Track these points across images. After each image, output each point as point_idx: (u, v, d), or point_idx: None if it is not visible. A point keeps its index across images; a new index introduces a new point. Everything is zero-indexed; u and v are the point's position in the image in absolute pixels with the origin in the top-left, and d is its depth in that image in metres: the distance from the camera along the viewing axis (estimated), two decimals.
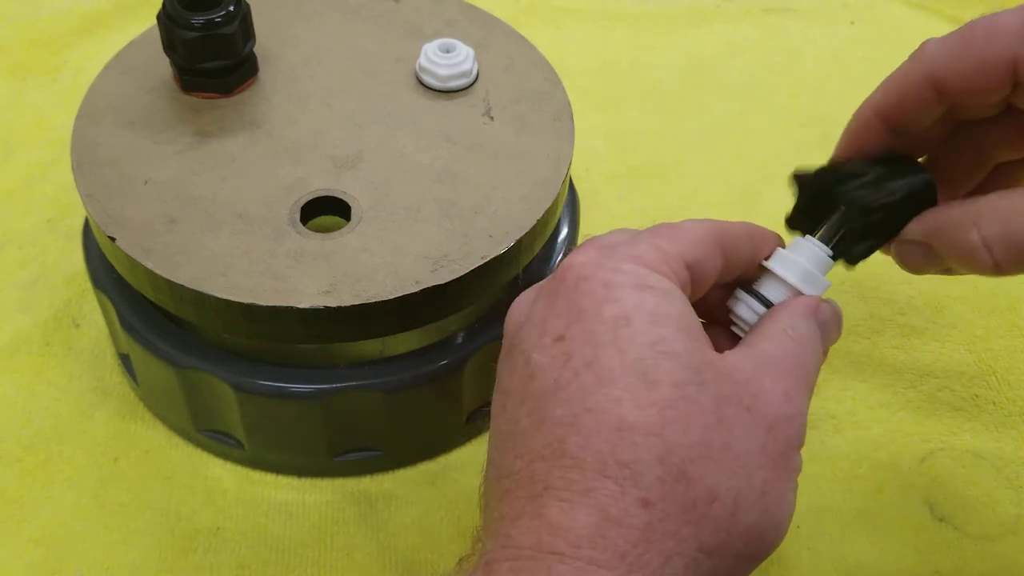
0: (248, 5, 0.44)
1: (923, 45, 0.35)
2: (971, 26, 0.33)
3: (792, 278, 0.36)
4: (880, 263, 0.55)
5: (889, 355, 0.51)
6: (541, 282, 0.34)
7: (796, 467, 0.32)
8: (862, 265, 0.37)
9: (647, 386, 0.30)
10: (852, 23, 0.72)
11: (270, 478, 0.46)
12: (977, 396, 0.49)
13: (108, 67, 0.46)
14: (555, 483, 0.29)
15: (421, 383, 0.42)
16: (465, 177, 0.42)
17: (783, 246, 0.37)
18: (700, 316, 0.37)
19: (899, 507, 0.45)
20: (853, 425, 0.48)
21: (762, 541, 0.31)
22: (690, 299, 0.34)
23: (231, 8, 0.43)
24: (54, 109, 0.63)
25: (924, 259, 0.35)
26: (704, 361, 0.31)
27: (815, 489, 0.46)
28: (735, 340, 0.36)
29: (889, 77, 0.36)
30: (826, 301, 0.36)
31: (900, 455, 0.47)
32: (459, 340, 0.43)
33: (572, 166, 0.44)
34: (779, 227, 0.59)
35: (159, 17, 0.43)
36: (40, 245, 0.55)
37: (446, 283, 0.39)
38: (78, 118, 0.44)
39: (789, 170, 0.38)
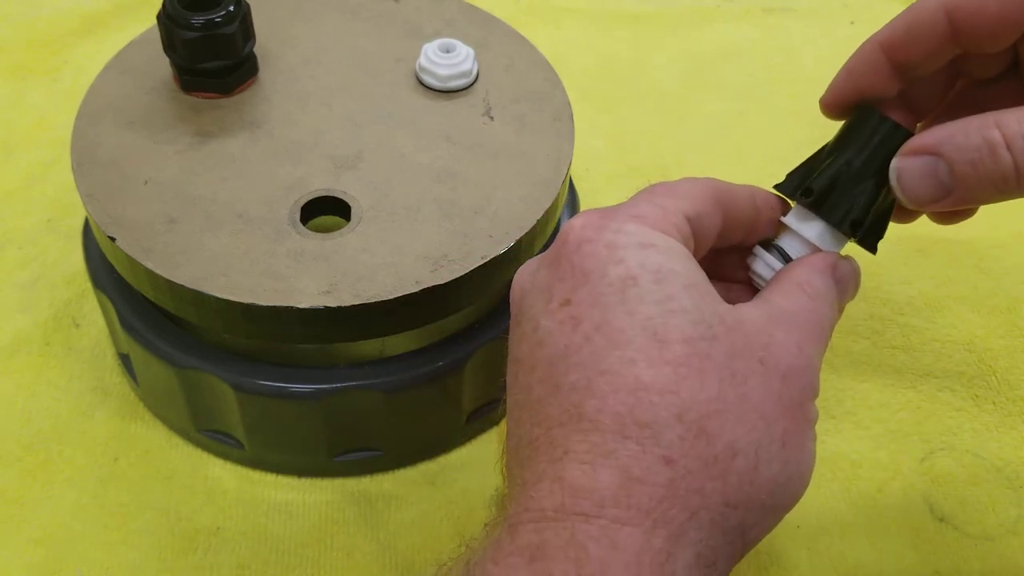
0: (248, 5, 0.44)
1: None
2: None
3: (810, 233, 0.35)
4: (880, 263, 0.55)
5: (889, 355, 0.51)
6: (542, 252, 0.34)
7: (813, 417, 0.32)
8: (862, 265, 0.36)
9: (659, 345, 0.29)
10: (852, 23, 0.72)
11: (270, 478, 0.46)
12: (977, 396, 0.49)
13: (108, 67, 0.46)
14: (575, 447, 0.29)
15: (421, 383, 0.42)
16: (465, 177, 0.42)
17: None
18: (721, 277, 0.37)
19: (899, 507, 0.45)
20: (853, 425, 0.48)
21: (786, 491, 0.31)
22: (694, 255, 0.33)
23: (231, 8, 0.43)
24: (54, 109, 0.63)
25: (928, 178, 0.33)
26: (714, 315, 0.31)
27: (815, 489, 0.46)
28: (755, 295, 0.36)
29: (902, 12, 0.35)
30: (844, 258, 0.35)
31: (900, 455, 0.47)
32: (459, 340, 0.43)
33: (572, 166, 0.44)
34: None
35: (159, 17, 0.43)
36: (40, 245, 0.55)
37: (446, 283, 0.39)
38: (78, 118, 0.44)
39: (789, 170, 0.38)
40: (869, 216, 0.35)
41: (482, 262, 0.39)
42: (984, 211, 0.57)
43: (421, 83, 0.46)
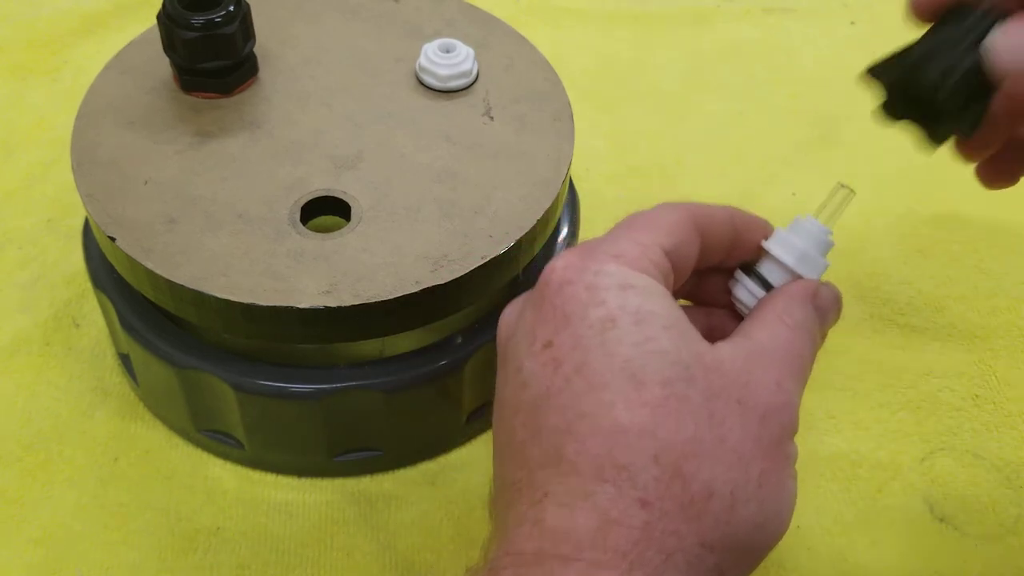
0: (248, 5, 0.44)
1: None
2: None
3: (789, 259, 0.36)
4: (881, 263, 0.55)
5: (889, 355, 0.51)
6: (528, 291, 0.34)
7: (792, 455, 0.32)
8: (862, 265, 0.36)
9: (636, 387, 0.30)
10: (852, 23, 0.72)
11: (270, 478, 0.46)
12: (977, 396, 0.49)
13: (108, 67, 0.46)
14: (554, 489, 0.29)
15: (421, 383, 0.42)
16: (465, 177, 0.42)
17: (768, 234, 0.37)
18: (704, 301, 0.38)
19: (899, 507, 0.45)
20: (853, 425, 0.48)
21: (763, 532, 0.31)
22: (674, 285, 0.34)
23: (231, 8, 0.43)
24: (54, 109, 0.63)
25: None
26: (692, 356, 0.31)
27: (815, 489, 0.46)
28: (738, 320, 0.36)
29: None
30: (824, 284, 0.36)
31: (900, 455, 0.47)
32: (459, 340, 0.43)
33: (572, 166, 0.44)
34: (779, 226, 0.59)
35: (159, 17, 0.43)
36: (40, 245, 0.55)
37: (446, 283, 0.39)
38: (78, 118, 0.44)
39: (789, 170, 0.38)
40: (961, 80, 0.34)
41: (482, 262, 0.39)
42: (984, 210, 0.57)
43: (421, 83, 0.46)
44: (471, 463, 0.46)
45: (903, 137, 0.40)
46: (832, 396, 0.49)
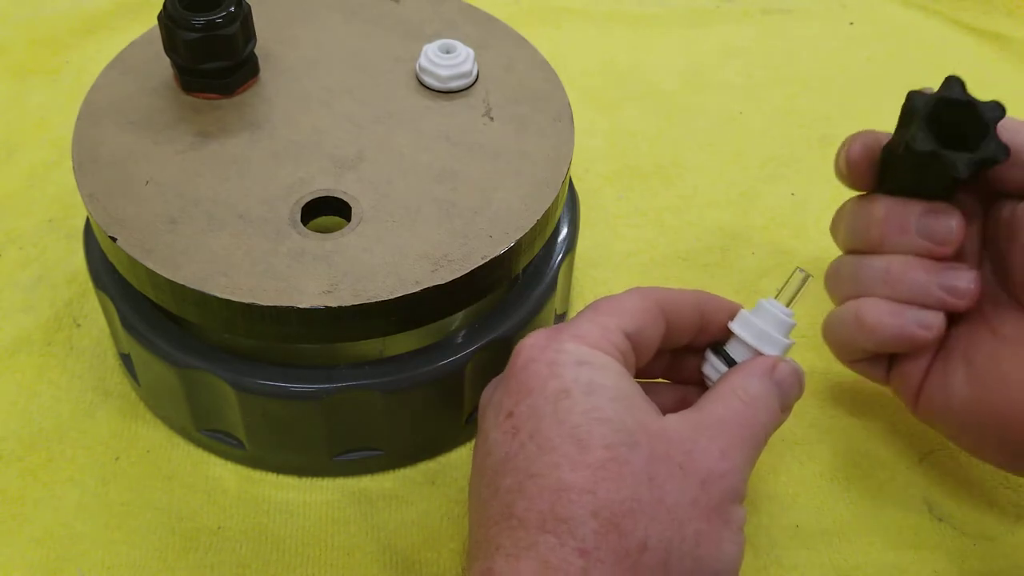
0: (249, 6, 0.44)
1: None
2: None
3: (749, 338, 0.38)
4: None
5: None
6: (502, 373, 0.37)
7: (735, 519, 0.34)
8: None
9: (581, 450, 0.33)
10: (851, 24, 0.72)
11: (271, 478, 0.46)
12: None
13: (109, 67, 0.46)
14: (504, 543, 0.32)
15: (421, 383, 0.42)
16: (465, 177, 0.43)
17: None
18: (681, 379, 0.42)
19: (899, 507, 0.45)
20: (853, 424, 0.48)
21: None
22: (637, 364, 0.38)
23: (232, 9, 0.43)
24: (55, 109, 0.63)
25: None
26: (637, 424, 0.34)
27: (815, 489, 0.46)
28: None
29: None
30: (784, 360, 0.38)
31: (900, 455, 0.47)
32: (459, 340, 0.43)
33: (572, 166, 0.44)
34: (778, 226, 0.60)
35: (160, 18, 0.43)
36: (41, 245, 0.55)
37: (446, 283, 0.39)
38: (79, 118, 0.44)
39: (788, 170, 0.38)
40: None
41: (482, 262, 0.39)
42: None
43: (421, 84, 0.46)
44: (471, 463, 0.46)
45: None
46: (832, 396, 0.49)
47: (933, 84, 0.38)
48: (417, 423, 0.44)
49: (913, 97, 0.37)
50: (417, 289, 0.38)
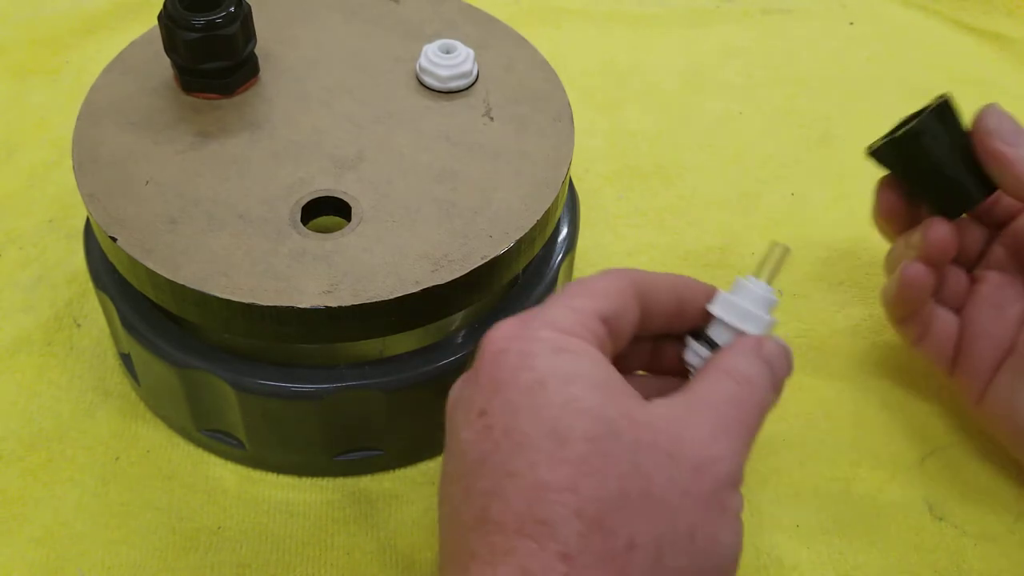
0: (249, 6, 0.44)
1: None
2: None
3: (732, 318, 0.36)
4: (880, 264, 0.55)
5: (889, 355, 0.51)
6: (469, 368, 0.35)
7: (732, 506, 0.32)
8: (862, 266, 0.37)
9: (560, 444, 0.30)
10: (851, 24, 0.72)
11: (271, 477, 0.46)
12: None
13: (109, 67, 0.46)
14: (479, 550, 0.30)
15: (421, 383, 0.42)
16: (465, 177, 0.43)
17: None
18: (662, 370, 0.39)
19: (899, 507, 0.45)
20: (853, 425, 0.48)
21: None
22: (613, 350, 0.35)
23: (232, 9, 0.43)
24: (55, 109, 0.63)
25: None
26: (619, 412, 0.31)
27: (815, 489, 0.46)
28: None
29: None
30: (770, 337, 0.36)
31: (900, 455, 0.47)
32: (459, 340, 0.43)
33: (572, 166, 0.44)
34: (778, 226, 0.60)
35: (160, 18, 0.43)
36: (41, 245, 0.55)
37: (446, 283, 0.39)
38: (79, 118, 0.44)
39: (788, 170, 0.38)
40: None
41: (482, 262, 0.39)
42: None
43: (421, 84, 0.46)
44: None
45: None
46: (832, 396, 0.49)
47: (933, 84, 0.38)
48: (417, 423, 0.44)
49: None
50: (417, 289, 0.38)
